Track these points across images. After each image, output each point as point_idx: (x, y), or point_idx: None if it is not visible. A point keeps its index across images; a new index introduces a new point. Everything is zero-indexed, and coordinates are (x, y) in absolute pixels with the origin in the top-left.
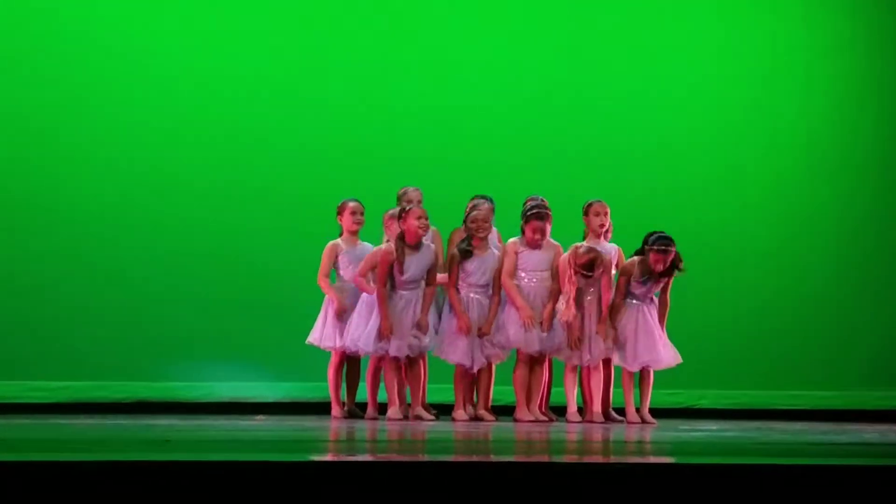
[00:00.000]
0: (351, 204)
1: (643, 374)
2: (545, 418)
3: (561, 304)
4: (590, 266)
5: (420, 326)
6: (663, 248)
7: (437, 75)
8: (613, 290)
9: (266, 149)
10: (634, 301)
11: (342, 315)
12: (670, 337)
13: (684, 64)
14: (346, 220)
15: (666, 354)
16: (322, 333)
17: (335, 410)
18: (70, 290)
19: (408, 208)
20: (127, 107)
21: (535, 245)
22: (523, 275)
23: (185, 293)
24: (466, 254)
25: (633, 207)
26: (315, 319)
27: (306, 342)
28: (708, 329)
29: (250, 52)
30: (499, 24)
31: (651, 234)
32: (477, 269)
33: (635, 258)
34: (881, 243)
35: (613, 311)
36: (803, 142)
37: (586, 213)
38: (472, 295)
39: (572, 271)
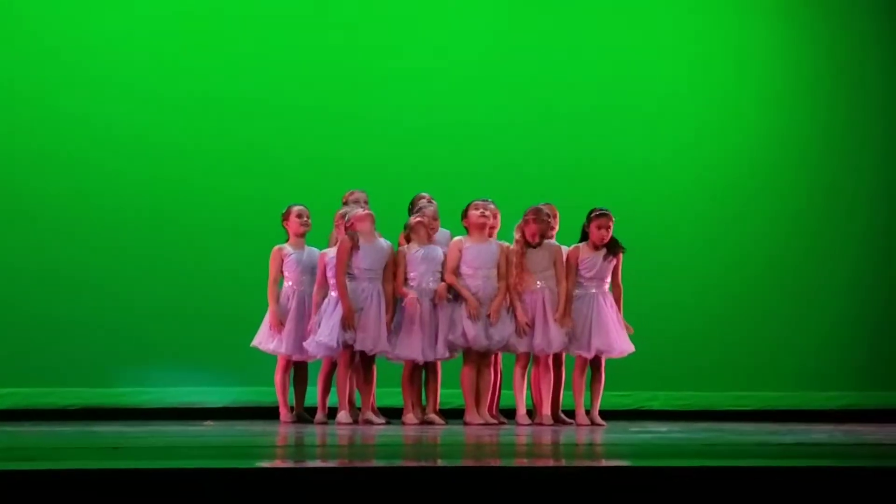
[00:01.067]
0: (296, 208)
1: (594, 375)
2: (495, 421)
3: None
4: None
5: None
6: (602, 212)
7: (416, 80)
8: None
9: (212, 153)
10: (590, 289)
11: (279, 326)
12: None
13: (679, 74)
14: (293, 224)
15: (618, 342)
16: (266, 336)
17: (283, 415)
18: (13, 295)
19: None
20: (82, 112)
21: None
22: (469, 271)
23: (131, 298)
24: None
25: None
26: (260, 324)
27: (251, 345)
28: (659, 331)
29: (212, 57)
30: (488, 28)
31: (590, 213)
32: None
33: (580, 244)
34: (823, 245)
35: (567, 300)
36: (733, 145)
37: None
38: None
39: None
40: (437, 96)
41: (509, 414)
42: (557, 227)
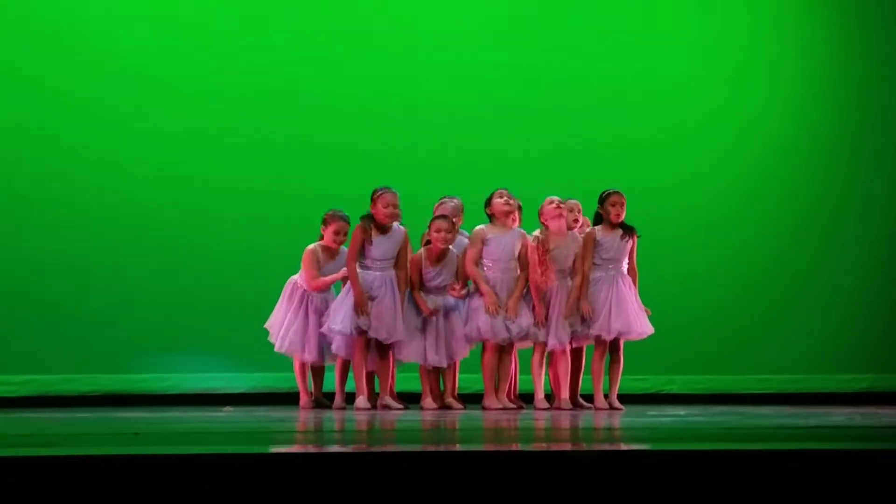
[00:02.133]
0: (337, 224)
1: (613, 359)
2: (513, 406)
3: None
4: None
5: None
6: (614, 191)
7: (419, 75)
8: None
9: (236, 142)
10: (610, 271)
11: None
12: None
13: (681, 61)
14: (328, 235)
15: (637, 323)
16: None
17: (303, 401)
18: (33, 284)
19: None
20: (89, 104)
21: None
22: (489, 263)
23: (150, 285)
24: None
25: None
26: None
27: (265, 326)
28: (675, 315)
29: (230, 52)
30: (490, 20)
31: (601, 194)
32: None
33: (595, 227)
34: (841, 227)
35: (584, 282)
36: (748, 126)
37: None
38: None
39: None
40: (447, 91)
41: (528, 399)
42: (581, 221)
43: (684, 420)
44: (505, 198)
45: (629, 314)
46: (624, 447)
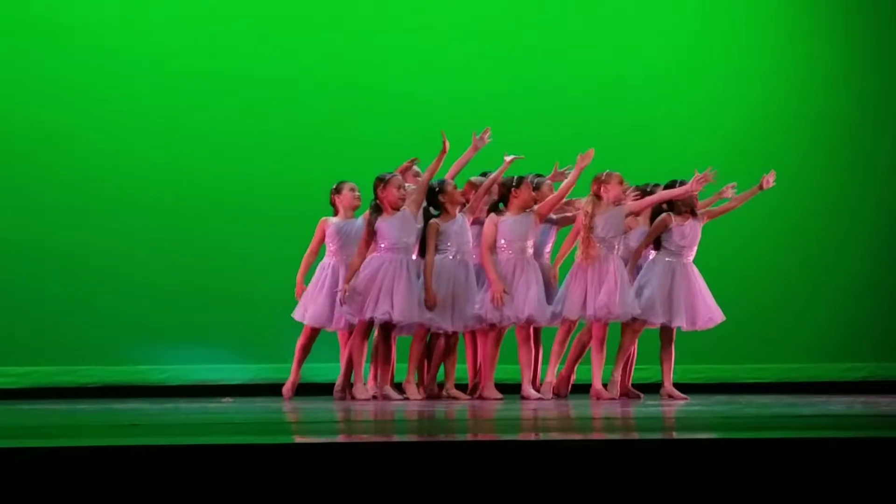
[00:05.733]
0: (349, 183)
1: (666, 348)
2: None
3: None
4: None
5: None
6: (685, 180)
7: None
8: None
9: (234, 133)
10: (682, 257)
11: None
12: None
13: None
14: (346, 198)
15: (715, 312)
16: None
17: (289, 384)
18: (33, 275)
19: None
20: (88, 95)
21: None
22: (504, 244)
23: (148, 275)
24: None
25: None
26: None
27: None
28: None
29: (229, 43)
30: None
31: (668, 184)
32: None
33: (665, 214)
34: (840, 216)
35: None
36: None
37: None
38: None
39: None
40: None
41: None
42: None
43: (682, 409)
44: (533, 193)
45: (709, 303)
46: (624, 437)
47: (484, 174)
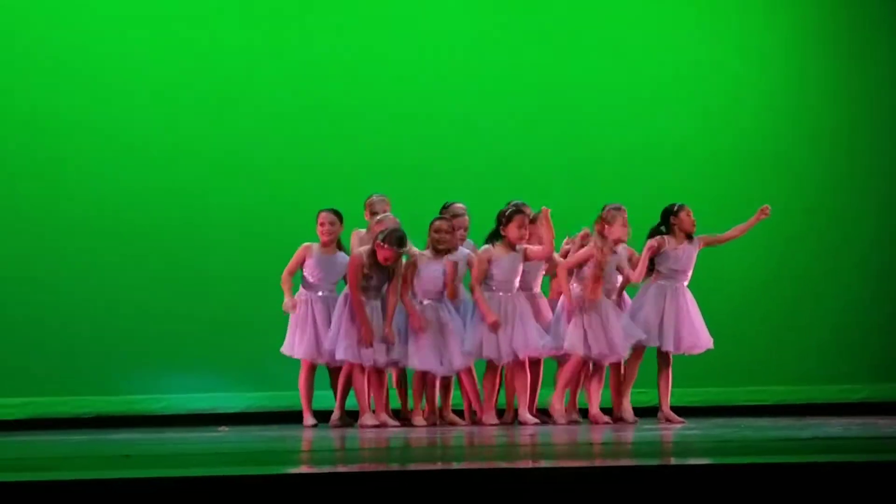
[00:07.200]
0: (320, 214)
1: (663, 371)
2: (536, 420)
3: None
4: None
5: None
6: (683, 204)
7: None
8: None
9: (226, 157)
10: (675, 281)
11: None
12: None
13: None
14: (319, 231)
15: (703, 338)
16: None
17: (307, 419)
18: (27, 306)
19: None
20: (81, 123)
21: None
22: (494, 285)
23: (144, 305)
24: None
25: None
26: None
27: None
28: None
29: (220, 59)
30: (486, 26)
31: (666, 208)
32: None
33: (663, 236)
34: (836, 238)
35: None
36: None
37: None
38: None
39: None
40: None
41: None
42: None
43: (679, 433)
44: (523, 230)
45: (696, 328)
46: (618, 463)
47: (445, 206)
